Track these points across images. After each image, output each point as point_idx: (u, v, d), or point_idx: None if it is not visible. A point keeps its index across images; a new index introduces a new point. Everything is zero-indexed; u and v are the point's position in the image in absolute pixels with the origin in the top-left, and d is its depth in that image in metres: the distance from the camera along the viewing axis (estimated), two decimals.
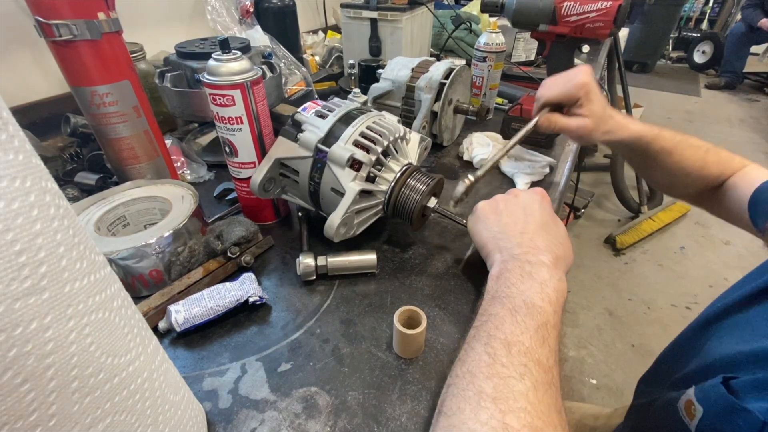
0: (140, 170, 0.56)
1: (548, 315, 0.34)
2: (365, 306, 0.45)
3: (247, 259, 0.49)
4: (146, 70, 0.77)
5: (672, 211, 2.07)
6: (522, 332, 0.33)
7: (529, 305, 0.35)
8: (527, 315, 0.34)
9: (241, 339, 0.42)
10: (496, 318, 0.35)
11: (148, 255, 0.44)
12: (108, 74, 0.48)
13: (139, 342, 0.24)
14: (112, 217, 0.51)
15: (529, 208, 0.45)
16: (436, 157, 0.77)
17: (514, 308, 0.35)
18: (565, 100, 0.56)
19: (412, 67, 0.75)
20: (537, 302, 0.35)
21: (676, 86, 4.08)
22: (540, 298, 0.35)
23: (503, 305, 0.36)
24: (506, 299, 0.36)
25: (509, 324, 0.33)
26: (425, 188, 0.50)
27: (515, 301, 0.35)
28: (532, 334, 0.32)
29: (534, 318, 0.34)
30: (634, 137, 0.55)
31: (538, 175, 0.67)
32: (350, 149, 0.46)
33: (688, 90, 4.01)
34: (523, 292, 0.36)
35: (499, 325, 0.34)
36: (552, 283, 0.37)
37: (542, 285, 0.37)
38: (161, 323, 0.41)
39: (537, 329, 0.33)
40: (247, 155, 0.50)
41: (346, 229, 0.47)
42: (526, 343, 0.32)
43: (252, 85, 0.46)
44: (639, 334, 1.49)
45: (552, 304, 0.35)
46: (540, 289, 0.36)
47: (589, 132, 0.54)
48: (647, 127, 0.55)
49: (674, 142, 0.55)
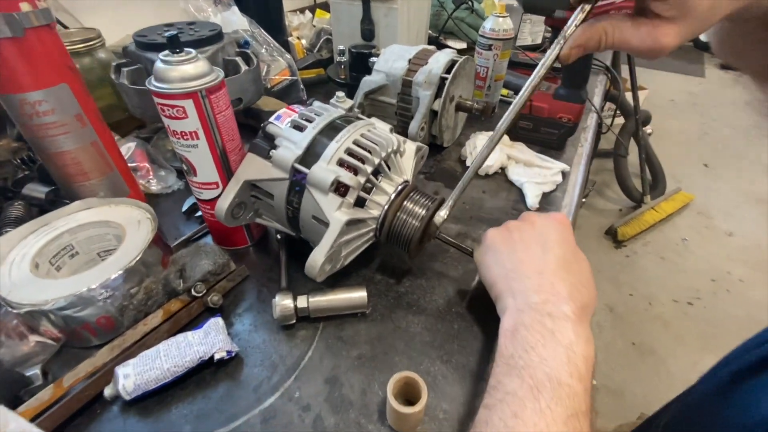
0: (91, 187, 0.47)
1: (579, 398, 0.28)
2: (354, 360, 0.38)
3: (215, 299, 0.42)
4: (106, 60, 0.67)
5: (675, 201, 2.01)
6: (548, 425, 0.26)
7: (554, 383, 0.28)
8: (554, 399, 0.27)
9: (206, 406, 0.35)
10: (514, 400, 0.28)
11: (92, 302, 0.37)
12: (39, 78, 0.40)
13: None
14: (56, 248, 0.43)
15: (549, 241, 0.38)
16: (436, 161, 0.69)
17: (537, 386, 0.28)
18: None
19: (408, 57, 0.66)
20: (564, 379, 0.28)
21: (680, 66, 3.94)
22: (568, 373, 0.29)
23: (522, 380, 0.29)
24: (525, 370, 0.29)
25: (531, 412, 0.27)
26: (424, 212, 0.42)
27: (536, 374, 0.29)
28: (560, 429, 0.26)
29: (563, 404, 0.27)
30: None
31: (549, 184, 0.59)
32: (334, 171, 0.38)
33: (692, 70, 3.88)
34: (546, 361, 0.29)
35: (519, 413, 0.27)
36: (579, 348, 0.30)
37: (568, 351, 0.30)
38: (107, 389, 0.34)
39: (567, 421, 0.26)
40: (207, 175, 0.42)
41: (331, 265, 0.40)
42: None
43: (209, 93, 0.37)
44: (640, 332, 1.46)
45: (582, 380, 0.29)
46: (566, 359, 0.29)
47: (670, 44, 0.29)
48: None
49: None
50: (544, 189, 0.59)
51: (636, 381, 1.31)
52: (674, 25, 0.29)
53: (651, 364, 1.37)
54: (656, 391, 1.28)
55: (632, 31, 0.31)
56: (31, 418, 0.31)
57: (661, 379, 1.33)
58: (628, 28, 0.31)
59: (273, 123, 0.42)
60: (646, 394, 1.27)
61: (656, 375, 1.34)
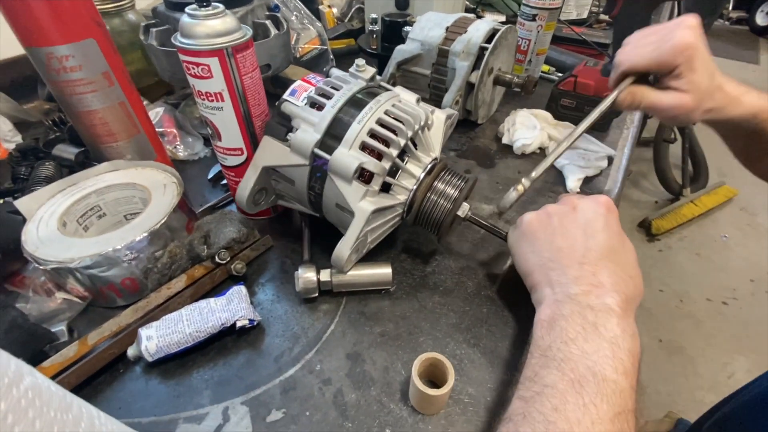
0: (118, 149, 0.47)
1: (626, 396, 0.25)
2: (377, 336, 0.37)
3: (239, 267, 0.41)
4: (136, 22, 0.66)
5: (717, 195, 1.89)
6: (593, 423, 0.24)
7: (599, 378, 0.26)
8: (598, 395, 0.25)
9: (226, 372, 0.34)
10: (553, 393, 0.26)
11: (118, 262, 0.37)
12: (66, 31, 0.38)
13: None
14: (83, 208, 0.43)
15: (591, 227, 0.35)
16: (469, 138, 0.66)
17: (579, 380, 0.26)
18: (657, 67, 0.42)
19: (446, 26, 0.62)
20: (609, 374, 0.26)
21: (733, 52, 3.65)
22: (613, 368, 0.26)
23: (562, 373, 0.27)
24: (565, 363, 0.27)
25: (573, 407, 0.25)
26: (457, 193, 0.39)
27: (578, 368, 0.26)
28: (606, 428, 0.24)
29: (607, 401, 0.25)
30: (746, 116, 0.42)
31: (593, 169, 0.55)
32: (357, 157, 0.35)
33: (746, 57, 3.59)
34: (588, 355, 0.27)
35: (560, 407, 0.25)
36: (625, 343, 0.28)
37: (613, 346, 0.27)
38: (130, 350, 0.34)
39: (613, 419, 0.24)
40: (231, 140, 0.41)
41: (358, 255, 0.38)
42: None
43: (235, 51, 0.35)
44: (669, 329, 1.40)
45: (628, 376, 0.26)
46: (611, 353, 0.27)
47: (688, 111, 0.41)
48: (764, 99, 0.42)
49: None
50: (588, 173, 0.55)
51: (661, 379, 1.26)
52: (689, 95, 0.41)
53: (678, 362, 1.32)
54: (682, 391, 1.23)
55: (658, 95, 0.43)
56: (56, 373, 0.31)
57: (687, 379, 1.27)
58: (654, 92, 0.43)
59: (288, 100, 0.39)
60: (671, 392, 1.23)
61: (683, 374, 1.29)
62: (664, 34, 0.41)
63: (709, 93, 0.41)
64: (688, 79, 0.40)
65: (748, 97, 0.42)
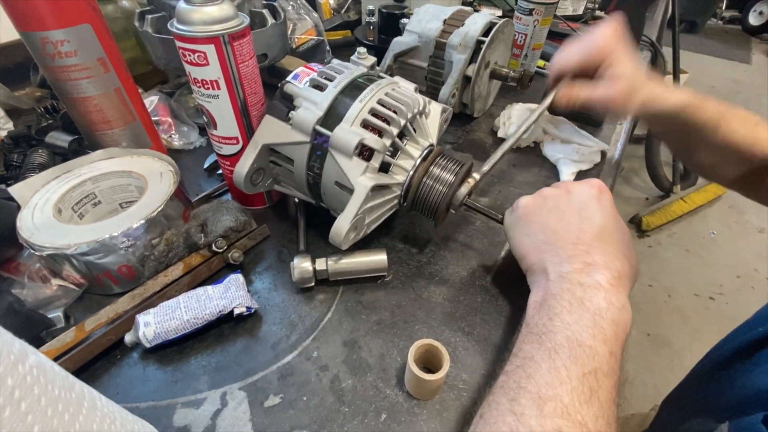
0: (113, 137, 0.47)
1: (600, 358, 0.26)
2: (373, 324, 0.38)
3: (236, 255, 0.41)
4: (130, 9, 0.65)
5: (706, 193, 1.92)
6: (561, 383, 0.25)
7: (573, 344, 0.27)
8: (570, 358, 0.26)
9: (224, 359, 0.35)
10: (530, 363, 0.27)
11: (114, 249, 0.37)
12: (62, 16, 0.38)
13: None
14: (79, 195, 0.43)
15: (586, 209, 0.36)
16: (465, 132, 0.66)
17: (554, 348, 0.27)
18: (585, 65, 0.46)
19: (443, 18, 0.62)
20: (585, 340, 0.27)
21: (725, 51, 3.69)
22: (590, 335, 0.27)
23: (541, 344, 0.28)
24: (545, 336, 0.28)
25: (545, 371, 0.26)
26: (453, 178, 0.40)
27: (556, 337, 0.28)
28: (574, 386, 0.25)
29: (579, 362, 0.26)
30: (675, 109, 0.43)
31: (587, 163, 0.56)
32: (359, 133, 0.35)
33: (737, 56, 3.63)
34: (569, 326, 0.28)
35: (533, 373, 0.26)
36: (609, 314, 0.29)
37: (595, 316, 0.28)
38: (128, 336, 0.34)
39: (582, 379, 0.25)
40: (227, 128, 0.41)
41: (356, 233, 0.39)
42: (565, 399, 0.24)
43: (232, 39, 0.35)
44: (656, 323, 1.43)
45: (607, 342, 0.27)
46: (592, 323, 0.28)
47: (622, 101, 0.44)
48: (690, 94, 0.43)
49: (720, 112, 0.43)
50: (582, 167, 0.56)
51: (648, 372, 1.29)
52: (617, 85, 0.44)
53: (665, 356, 1.35)
54: (669, 383, 1.25)
55: (590, 90, 0.46)
56: (54, 359, 0.31)
57: (674, 372, 1.30)
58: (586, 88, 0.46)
59: (291, 82, 0.40)
60: (658, 384, 1.25)
61: (669, 367, 1.32)
62: (588, 37, 0.46)
63: (639, 84, 0.44)
64: (613, 71, 0.44)
65: (676, 92, 0.43)
